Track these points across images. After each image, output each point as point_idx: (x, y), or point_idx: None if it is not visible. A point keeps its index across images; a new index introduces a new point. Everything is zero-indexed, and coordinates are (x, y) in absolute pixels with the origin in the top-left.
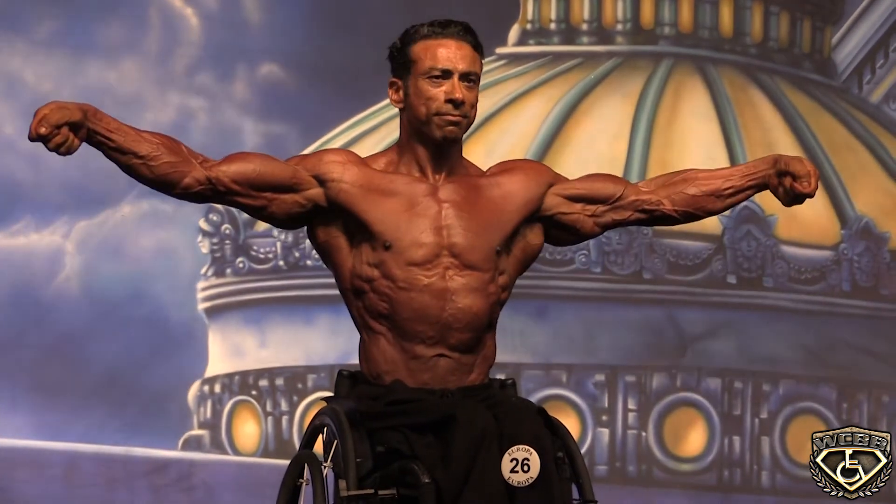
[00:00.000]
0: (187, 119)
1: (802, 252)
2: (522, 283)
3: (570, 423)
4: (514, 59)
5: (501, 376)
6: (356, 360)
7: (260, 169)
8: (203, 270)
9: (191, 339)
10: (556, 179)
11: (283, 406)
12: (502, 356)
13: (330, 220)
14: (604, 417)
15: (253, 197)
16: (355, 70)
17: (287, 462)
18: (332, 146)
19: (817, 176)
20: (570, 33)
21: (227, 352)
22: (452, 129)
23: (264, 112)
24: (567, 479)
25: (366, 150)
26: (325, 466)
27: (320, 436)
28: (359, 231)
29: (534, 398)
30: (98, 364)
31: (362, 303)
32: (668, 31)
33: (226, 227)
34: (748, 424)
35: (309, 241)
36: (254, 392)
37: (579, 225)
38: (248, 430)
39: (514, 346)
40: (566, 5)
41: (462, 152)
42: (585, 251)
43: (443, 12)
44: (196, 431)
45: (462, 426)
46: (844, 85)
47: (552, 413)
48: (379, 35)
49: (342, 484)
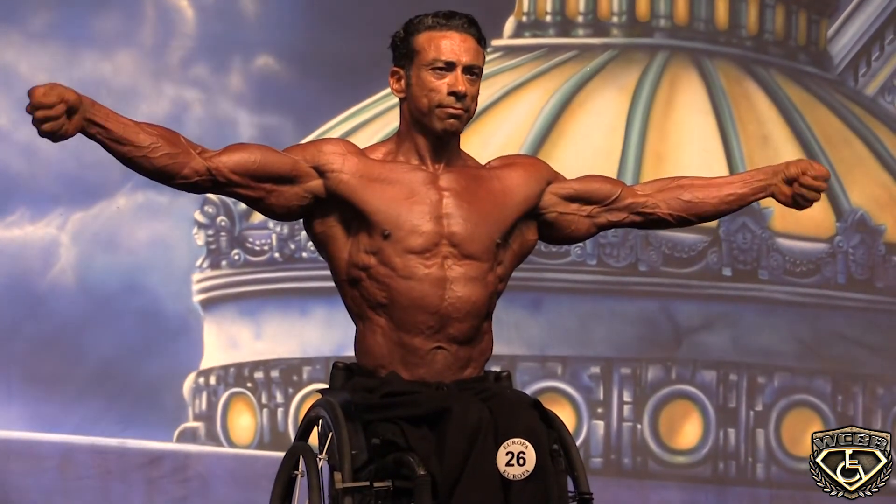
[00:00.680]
0: (182, 111)
1: (798, 245)
2: (518, 275)
3: (566, 416)
4: (510, 51)
5: (497, 369)
6: (352, 353)
7: (260, 160)
8: (198, 262)
9: (186, 330)
10: (555, 178)
11: (279, 398)
12: (498, 348)
13: (327, 211)
14: (599, 410)
15: (252, 188)
16: (350, 62)
17: (282, 454)
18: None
19: (826, 175)
20: (565, 25)
21: (222, 344)
22: (453, 122)
23: (259, 104)
24: (562, 471)
25: (361, 142)
26: (320, 458)
27: (315, 428)
28: (357, 221)
29: (529, 390)
30: (93, 356)
31: (359, 292)
32: (663, 23)
33: (221, 218)
34: (743, 417)
35: (305, 233)
36: (249, 384)
37: (574, 225)
38: (243, 423)
39: (510, 339)
40: None
41: (460, 144)
42: (581, 244)
43: (438, 4)
44: (191, 423)
45: (457, 419)
46: (840, 77)
47: (547, 405)
48: (374, 27)
49: (337, 476)
